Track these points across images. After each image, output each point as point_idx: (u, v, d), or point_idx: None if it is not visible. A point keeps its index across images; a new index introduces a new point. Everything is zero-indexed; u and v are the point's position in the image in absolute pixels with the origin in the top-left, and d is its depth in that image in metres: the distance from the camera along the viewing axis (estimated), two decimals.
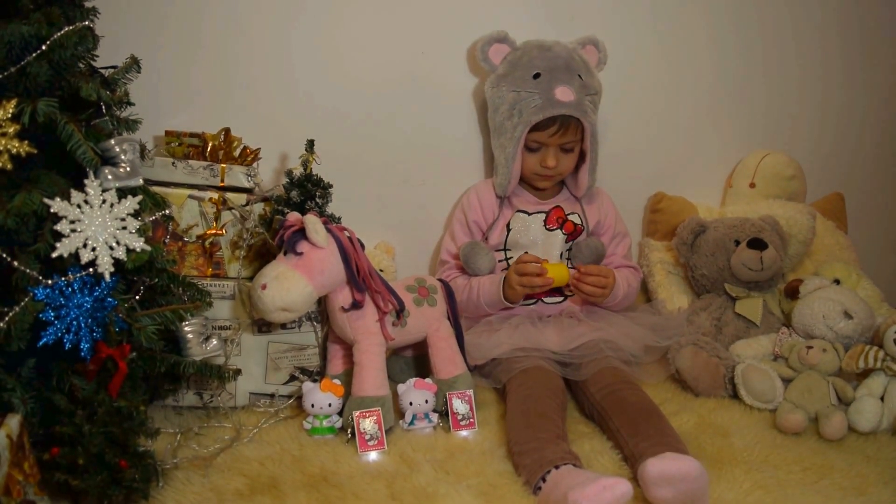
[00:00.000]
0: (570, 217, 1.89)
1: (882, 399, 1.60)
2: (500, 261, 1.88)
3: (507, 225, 1.89)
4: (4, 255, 1.15)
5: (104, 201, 1.21)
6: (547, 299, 1.85)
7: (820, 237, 2.16)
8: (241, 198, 1.63)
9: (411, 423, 1.54)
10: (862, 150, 2.43)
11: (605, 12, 2.09)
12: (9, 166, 1.11)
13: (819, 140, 2.36)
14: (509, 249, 1.89)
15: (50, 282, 1.16)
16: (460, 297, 1.81)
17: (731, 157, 2.29)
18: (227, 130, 1.67)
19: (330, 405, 1.53)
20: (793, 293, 1.88)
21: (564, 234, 1.88)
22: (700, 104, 2.24)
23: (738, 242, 1.92)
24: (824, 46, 2.30)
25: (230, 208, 1.62)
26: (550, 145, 1.81)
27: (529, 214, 1.89)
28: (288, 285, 1.44)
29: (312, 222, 1.46)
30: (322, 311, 1.63)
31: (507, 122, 1.81)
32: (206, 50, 1.85)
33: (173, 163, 1.60)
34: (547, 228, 1.88)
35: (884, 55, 2.36)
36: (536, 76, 1.79)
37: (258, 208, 1.65)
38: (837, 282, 1.93)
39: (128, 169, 1.26)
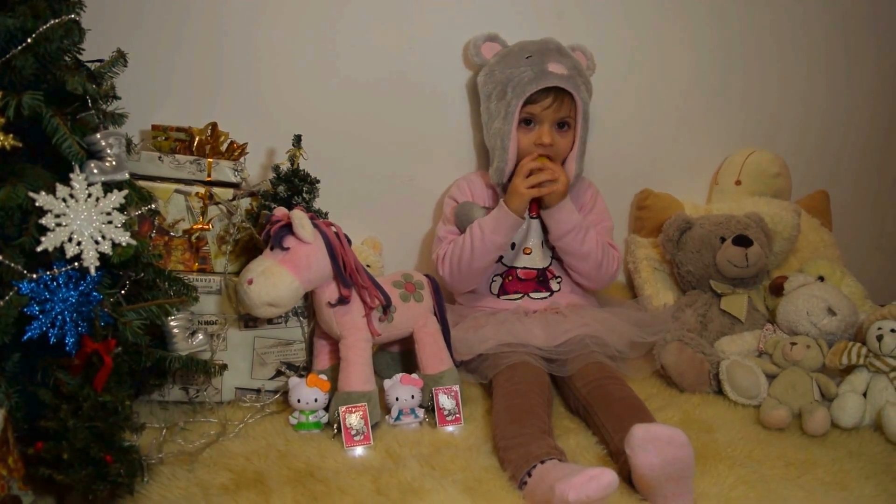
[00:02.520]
0: None
1: (864, 395, 1.62)
2: None
3: None
4: None
5: (90, 195, 1.20)
6: (533, 294, 1.86)
7: (804, 234, 2.17)
8: (227, 192, 1.62)
9: (397, 418, 1.55)
10: (847, 149, 2.44)
11: (593, 10, 2.09)
12: None
13: (804, 138, 2.37)
14: None
15: (35, 276, 1.16)
16: (463, 247, 1.80)
17: (718, 155, 2.30)
18: (213, 125, 1.66)
19: (316, 400, 1.53)
20: (777, 290, 1.89)
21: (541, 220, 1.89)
22: (687, 101, 2.25)
23: (723, 239, 1.93)
24: (810, 45, 2.31)
25: (217, 203, 1.61)
26: (545, 120, 1.80)
27: None
28: (274, 280, 1.44)
29: (299, 217, 1.46)
30: (308, 307, 1.63)
31: (500, 102, 1.81)
32: (194, 44, 1.85)
33: (160, 157, 1.59)
34: (530, 216, 1.88)
35: (869, 53, 2.38)
36: (528, 57, 1.81)
37: (245, 203, 1.64)
38: (822, 279, 1.94)
39: (114, 163, 1.26)
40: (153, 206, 1.41)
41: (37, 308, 1.15)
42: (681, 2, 2.16)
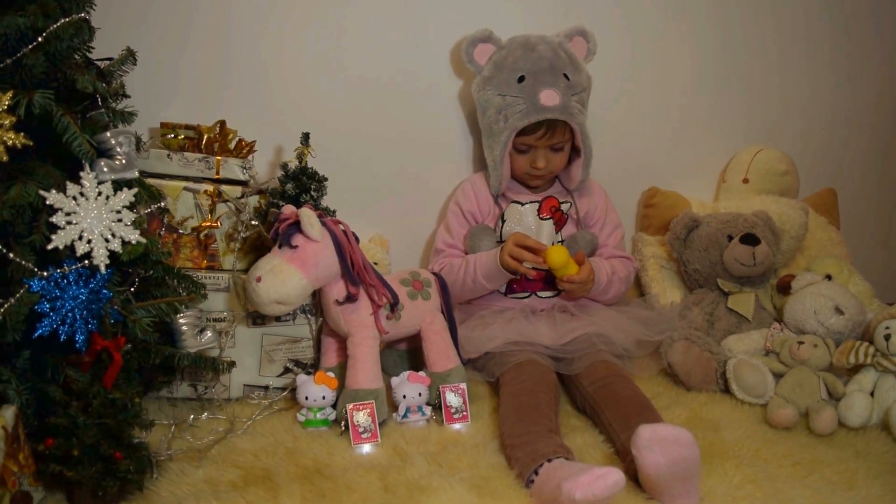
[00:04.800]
0: (561, 206, 1.90)
1: (872, 394, 1.61)
2: None
3: (502, 216, 1.89)
4: (0, 247, 1.15)
5: (100, 193, 1.21)
6: (540, 293, 1.86)
7: (812, 233, 2.17)
8: (236, 190, 1.63)
9: (405, 415, 1.55)
10: (854, 147, 2.44)
11: (600, 7, 2.09)
12: (4, 158, 1.11)
13: (812, 136, 2.37)
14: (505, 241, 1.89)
15: (45, 273, 1.16)
16: (456, 275, 1.81)
17: (725, 153, 2.29)
18: (222, 123, 1.67)
19: (324, 398, 1.53)
20: (785, 288, 1.89)
21: (555, 222, 1.89)
22: (694, 99, 2.24)
23: (730, 237, 1.93)
24: (817, 43, 2.30)
25: (225, 201, 1.62)
26: (539, 147, 1.81)
27: (523, 205, 1.89)
28: (282, 278, 1.45)
29: (307, 215, 1.46)
30: (316, 304, 1.64)
31: (495, 125, 1.81)
32: (202, 42, 1.85)
33: (168, 155, 1.60)
34: (540, 217, 1.89)
35: (876, 52, 2.37)
36: (521, 79, 1.78)
37: (253, 201, 1.65)
38: (829, 277, 1.94)
39: (123, 161, 1.26)
40: (162, 203, 1.41)
41: (47, 305, 1.16)
42: (689, 2, 2.16)
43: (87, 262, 1.20)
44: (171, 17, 1.81)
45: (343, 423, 1.48)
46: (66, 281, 1.18)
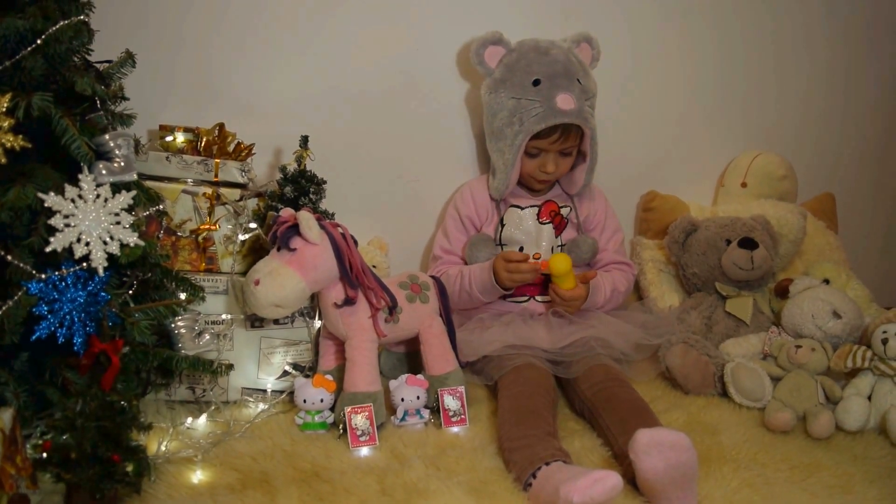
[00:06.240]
0: (561, 210, 1.90)
1: (869, 398, 1.61)
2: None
3: (501, 220, 1.89)
4: None
5: (98, 196, 1.21)
6: (538, 297, 1.86)
7: (810, 237, 2.17)
8: (234, 193, 1.63)
9: (403, 419, 1.55)
10: (853, 151, 2.44)
11: (599, 11, 2.09)
12: (3, 160, 1.11)
13: (810, 140, 2.37)
14: (505, 245, 1.89)
15: (43, 276, 1.16)
16: (452, 287, 1.81)
17: (724, 157, 2.30)
18: (221, 125, 1.67)
19: (322, 401, 1.53)
20: (783, 292, 1.89)
21: (555, 226, 1.89)
22: (693, 103, 2.25)
23: (729, 242, 1.93)
24: (816, 48, 2.31)
25: (224, 203, 1.62)
26: (551, 151, 1.81)
27: (522, 209, 1.89)
28: (281, 281, 1.45)
29: (306, 218, 1.46)
30: (315, 307, 1.64)
31: (507, 128, 1.80)
32: (201, 45, 1.85)
33: (167, 157, 1.60)
34: (539, 222, 1.89)
35: (876, 57, 2.38)
36: (536, 83, 1.77)
37: (252, 204, 1.65)
38: (827, 281, 1.94)
39: (122, 164, 1.26)
40: (161, 206, 1.41)
41: (45, 308, 1.16)
42: (687, 4, 2.16)
43: (85, 264, 1.20)
44: (170, 19, 1.81)
45: (341, 426, 1.48)
46: (64, 283, 1.18)
